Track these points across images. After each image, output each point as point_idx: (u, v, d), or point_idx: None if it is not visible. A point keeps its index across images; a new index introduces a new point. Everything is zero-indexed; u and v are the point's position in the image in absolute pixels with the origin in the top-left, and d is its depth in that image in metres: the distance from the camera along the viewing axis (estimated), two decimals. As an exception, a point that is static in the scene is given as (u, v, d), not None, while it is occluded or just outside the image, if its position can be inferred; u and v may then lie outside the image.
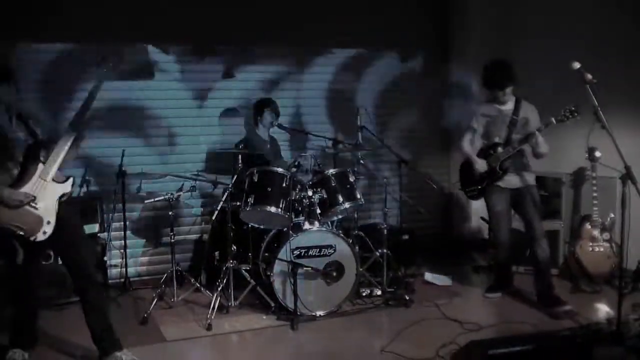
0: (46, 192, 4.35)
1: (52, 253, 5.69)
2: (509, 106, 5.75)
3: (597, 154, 6.12)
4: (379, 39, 7.73)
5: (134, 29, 6.61)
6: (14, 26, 6.15)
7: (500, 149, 5.74)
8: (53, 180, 4.39)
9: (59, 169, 4.44)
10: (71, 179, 4.52)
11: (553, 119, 5.38)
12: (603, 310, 5.71)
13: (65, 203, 4.45)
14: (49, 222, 4.32)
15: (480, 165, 5.85)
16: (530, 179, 5.83)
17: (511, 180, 5.80)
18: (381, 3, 7.69)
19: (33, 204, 4.29)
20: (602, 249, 6.22)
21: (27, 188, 4.29)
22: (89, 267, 4.71)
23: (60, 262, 5.33)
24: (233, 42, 7.17)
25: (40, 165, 4.38)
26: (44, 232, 4.31)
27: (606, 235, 6.24)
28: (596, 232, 6.25)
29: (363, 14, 7.59)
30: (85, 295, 4.62)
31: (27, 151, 4.40)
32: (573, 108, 5.28)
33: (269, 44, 7.31)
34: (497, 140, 5.78)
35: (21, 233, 4.25)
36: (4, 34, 6.08)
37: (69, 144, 4.43)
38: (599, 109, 4.48)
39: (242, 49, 7.24)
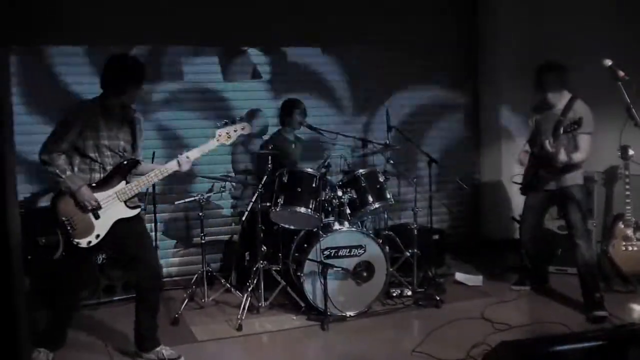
0: (112, 209, 4.43)
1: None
2: (560, 106, 5.60)
3: (630, 152, 6.05)
4: (405, 37, 7.70)
5: (162, 32, 6.65)
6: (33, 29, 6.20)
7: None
8: (125, 202, 4.47)
9: (137, 194, 4.55)
10: (139, 210, 4.61)
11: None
12: (638, 310, 5.64)
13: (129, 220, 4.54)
14: (98, 236, 4.40)
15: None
16: (570, 180, 5.65)
17: (539, 181, 5.73)
18: (410, 5, 7.68)
19: (95, 213, 4.37)
20: (635, 248, 6.14)
21: (100, 196, 4.38)
22: (159, 270, 4.87)
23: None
24: (260, 43, 7.19)
25: (122, 184, 4.47)
26: (89, 242, 4.38)
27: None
28: (629, 232, 6.17)
29: (390, 12, 7.58)
30: (146, 294, 4.71)
31: (120, 164, 4.48)
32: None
33: (294, 44, 7.33)
34: (544, 139, 5.66)
35: (70, 231, 4.32)
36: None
37: (157, 178, 4.55)
38: (631, 106, 4.42)
39: (268, 50, 7.25)
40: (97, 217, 4.39)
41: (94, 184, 4.40)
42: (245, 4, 7.01)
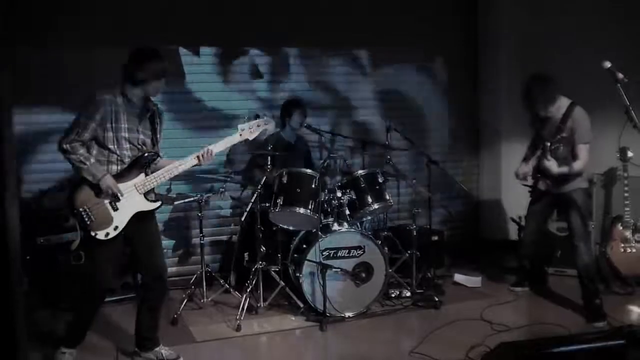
0: (131, 201, 4.42)
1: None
2: (558, 114, 5.51)
3: (629, 153, 6.06)
4: (406, 40, 7.70)
5: (165, 32, 6.65)
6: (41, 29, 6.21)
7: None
8: (144, 195, 4.48)
9: (156, 188, 4.56)
10: (159, 203, 4.60)
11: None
12: (636, 312, 5.64)
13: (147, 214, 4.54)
14: (116, 228, 4.37)
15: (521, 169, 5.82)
16: (573, 184, 5.58)
17: (546, 186, 5.72)
18: (409, 4, 7.68)
19: (114, 204, 4.36)
20: (634, 250, 6.15)
21: (120, 187, 4.37)
22: (165, 271, 4.83)
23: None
24: (261, 44, 7.19)
25: (142, 176, 4.46)
26: (107, 234, 4.35)
27: (638, 236, 6.16)
28: (628, 233, 6.18)
29: (392, 15, 7.58)
30: (151, 294, 4.72)
31: (140, 157, 4.48)
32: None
33: (294, 45, 7.34)
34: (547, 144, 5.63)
35: (87, 222, 4.29)
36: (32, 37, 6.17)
37: (177, 171, 4.55)
38: (630, 108, 4.42)
39: (270, 51, 7.26)
40: (115, 208, 4.37)
41: (115, 175, 4.38)
42: (245, 3, 7.01)
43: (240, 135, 4.80)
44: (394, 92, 7.81)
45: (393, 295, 6.08)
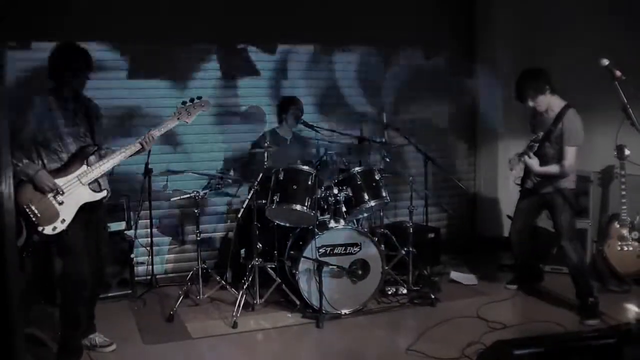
0: (75, 193, 4.42)
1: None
2: (552, 114, 5.54)
3: (626, 151, 6.05)
4: (403, 37, 7.69)
5: (159, 30, 6.63)
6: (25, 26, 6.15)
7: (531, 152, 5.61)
8: (89, 185, 4.47)
9: (100, 177, 4.55)
10: (105, 192, 4.61)
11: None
12: (633, 310, 5.65)
13: (93, 204, 4.52)
14: (63, 221, 4.38)
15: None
16: (556, 184, 5.58)
17: (532, 184, 5.73)
18: (408, 3, 7.68)
19: (57, 198, 4.36)
20: (631, 248, 6.15)
21: (60, 181, 4.37)
22: (105, 262, 4.87)
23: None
24: (255, 42, 7.17)
25: (84, 167, 4.47)
26: (54, 228, 4.35)
27: (635, 235, 6.17)
28: (625, 231, 6.18)
29: (388, 11, 7.56)
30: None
31: (80, 149, 4.48)
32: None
33: (290, 42, 7.32)
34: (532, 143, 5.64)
35: (33, 219, 4.29)
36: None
37: (119, 159, 4.54)
38: (628, 106, 4.41)
39: (264, 48, 7.24)
40: (60, 202, 4.36)
41: (55, 170, 4.39)
42: (244, 3, 7.00)
43: (178, 118, 4.81)
44: (391, 90, 7.80)
45: (389, 293, 6.08)
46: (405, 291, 6.12)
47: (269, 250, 6.10)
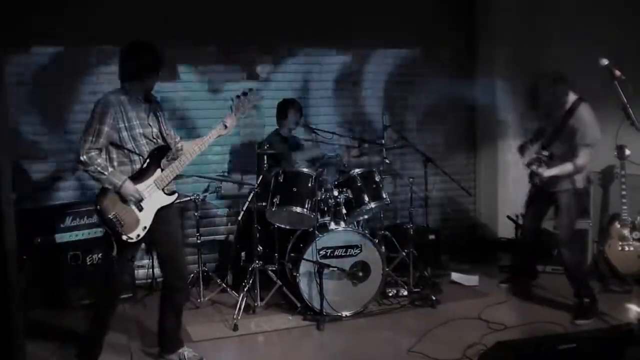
0: (153, 199, 4.41)
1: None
2: (564, 108, 5.37)
3: (627, 151, 6.05)
4: (402, 37, 7.69)
5: (162, 33, 6.63)
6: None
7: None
8: (163, 190, 4.46)
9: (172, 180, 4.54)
10: (176, 195, 4.58)
11: None
12: (634, 310, 5.64)
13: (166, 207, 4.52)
14: (145, 228, 4.37)
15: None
16: (566, 184, 5.51)
17: (542, 182, 5.68)
18: (407, 3, 7.68)
19: (139, 205, 4.35)
20: (632, 248, 6.14)
21: (141, 187, 4.35)
22: (186, 270, 4.86)
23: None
24: (258, 44, 7.18)
25: (159, 171, 4.44)
26: (138, 235, 4.33)
27: (636, 234, 6.16)
28: (626, 231, 6.17)
29: (388, 12, 7.57)
30: (173, 295, 4.69)
31: (152, 152, 4.44)
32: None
33: (293, 44, 7.33)
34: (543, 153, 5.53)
35: (119, 229, 4.26)
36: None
37: (188, 160, 4.53)
38: (628, 106, 4.41)
39: (266, 51, 7.25)
40: (140, 209, 4.35)
41: (133, 177, 4.35)
42: (244, 4, 7.00)
43: (235, 114, 4.74)
44: (391, 91, 7.79)
45: (390, 294, 6.07)
46: (406, 293, 6.11)
47: (270, 252, 6.10)
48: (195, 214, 6.07)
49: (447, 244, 7.39)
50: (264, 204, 5.75)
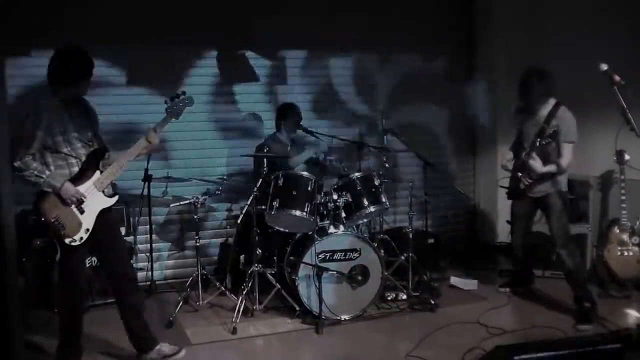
0: (93, 201, 4.41)
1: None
2: (544, 112, 5.50)
3: (626, 156, 6.05)
4: (402, 39, 7.70)
5: (160, 33, 6.64)
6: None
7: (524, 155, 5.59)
8: (103, 192, 4.46)
9: (111, 182, 4.54)
10: (117, 197, 4.59)
11: None
12: (633, 315, 5.64)
13: (106, 210, 4.51)
14: (87, 230, 4.37)
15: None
16: (552, 186, 5.56)
17: (524, 186, 5.68)
18: (406, 5, 7.68)
19: (79, 207, 4.35)
20: (631, 253, 6.14)
21: (81, 189, 4.35)
22: (132, 270, 4.88)
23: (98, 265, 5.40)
24: (257, 47, 7.18)
25: (97, 174, 4.44)
26: (81, 238, 4.34)
27: (635, 239, 6.15)
28: (625, 236, 6.17)
29: (388, 12, 7.58)
30: (123, 297, 4.69)
31: (90, 155, 4.45)
32: None
33: (288, 47, 7.33)
34: (525, 145, 5.66)
35: (62, 232, 4.27)
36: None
37: (126, 162, 4.51)
38: (627, 110, 4.42)
39: (263, 54, 7.25)
40: (82, 211, 4.35)
41: (73, 179, 4.35)
42: (243, 6, 7.00)
43: (171, 115, 4.68)
44: (391, 95, 7.79)
45: (389, 298, 6.07)
46: (405, 297, 6.11)
47: (269, 256, 6.10)
48: (195, 216, 6.07)
49: (446, 248, 7.38)
50: (263, 207, 5.75)
